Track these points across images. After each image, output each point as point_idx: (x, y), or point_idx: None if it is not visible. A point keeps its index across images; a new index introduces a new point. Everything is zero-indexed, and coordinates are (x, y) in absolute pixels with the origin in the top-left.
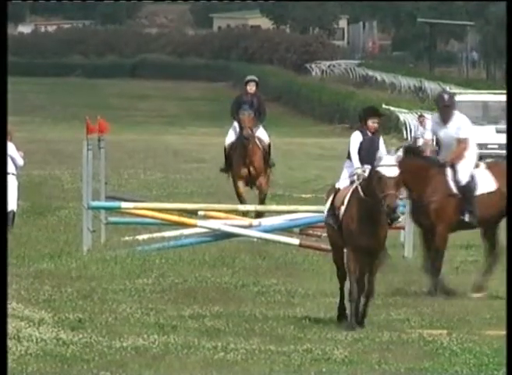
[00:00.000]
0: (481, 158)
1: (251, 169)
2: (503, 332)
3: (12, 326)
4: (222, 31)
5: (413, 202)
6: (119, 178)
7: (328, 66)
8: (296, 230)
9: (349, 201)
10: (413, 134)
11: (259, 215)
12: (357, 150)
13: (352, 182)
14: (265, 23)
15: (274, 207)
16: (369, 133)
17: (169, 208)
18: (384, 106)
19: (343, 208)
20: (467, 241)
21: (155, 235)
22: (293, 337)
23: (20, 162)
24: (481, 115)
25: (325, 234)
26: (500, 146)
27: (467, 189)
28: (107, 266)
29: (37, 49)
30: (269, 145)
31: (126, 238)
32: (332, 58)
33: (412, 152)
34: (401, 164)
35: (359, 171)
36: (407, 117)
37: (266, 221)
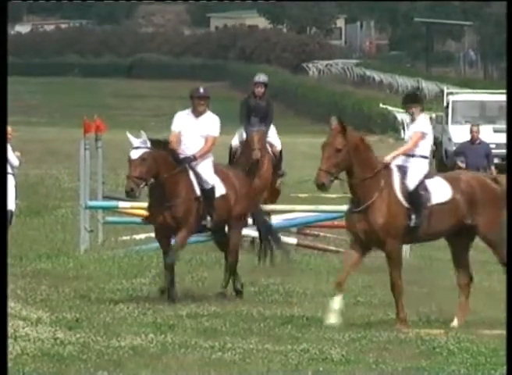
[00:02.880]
0: (493, 158)
1: (257, 181)
2: (500, 331)
3: (9, 325)
4: (219, 31)
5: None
6: (116, 178)
7: (326, 66)
8: (294, 229)
9: None
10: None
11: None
12: None
13: None
14: (262, 23)
15: (271, 207)
16: None
17: None
18: (381, 106)
19: None
20: None
21: (152, 235)
22: (290, 337)
23: (15, 162)
24: (479, 114)
25: (322, 234)
26: (498, 146)
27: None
28: (104, 266)
29: (34, 49)
30: (281, 152)
31: (124, 238)
32: (330, 57)
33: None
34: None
35: None
36: (405, 117)
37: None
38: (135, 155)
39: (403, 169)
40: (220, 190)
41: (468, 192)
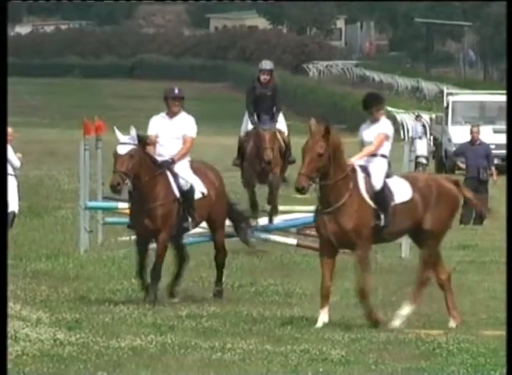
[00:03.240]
0: (493, 158)
1: (271, 176)
2: (500, 332)
3: (9, 326)
4: (219, 31)
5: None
6: None
7: (326, 67)
8: (294, 230)
9: None
10: (410, 134)
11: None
12: None
13: None
14: (262, 24)
15: (268, 207)
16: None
17: None
18: None
19: None
20: (464, 241)
21: None
22: (290, 338)
23: (17, 163)
24: (478, 115)
25: None
26: (498, 146)
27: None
28: (104, 266)
29: (35, 50)
30: (289, 140)
31: (123, 238)
32: (330, 58)
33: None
34: None
35: None
36: (404, 117)
37: (263, 221)
38: (122, 150)
39: (365, 170)
40: (201, 189)
41: (425, 192)
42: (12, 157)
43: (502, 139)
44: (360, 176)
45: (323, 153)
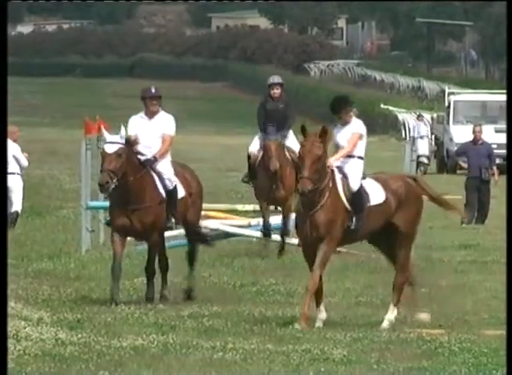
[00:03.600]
0: (495, 158)
1: (281, 191)
2: (502, 332)
3: (10, 325)
4: (220, 31)
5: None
6: None
7: (327, 66)
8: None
9: None
10: (411, 134)
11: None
12: None
13: None
14: (264, 23)
15: (272, 207)
16: None
17: None
18: (382, 106)
19: None
20: (466, 240)
21: None
22: (291, 337)
23: (25, 162)
24: (480, 114)
25: None
26: (499, 146)
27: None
28: (105, 266)
29: (36, 49)
30: None
31: None
32: (331, 58)
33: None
34: None
35: None
36: (406, 117)
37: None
38: (110, 149)
39: (342, 171)
40: (180, 192)
41: (398, 192)
42: (21, 156)
43: (503, 138)
44: (338, 177)
45: (322, 154)
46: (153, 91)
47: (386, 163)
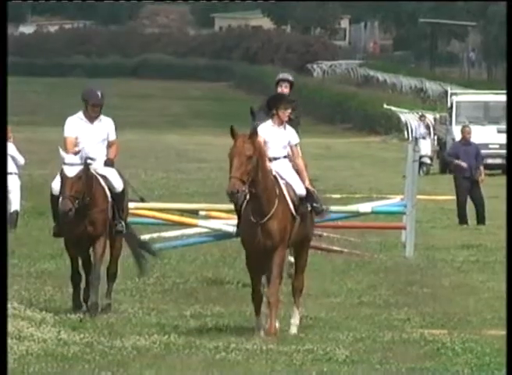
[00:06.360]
0: (483, 158)
1: None
2: (504, 332)
3: (13, 325)
4: (224, 31)
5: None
6: None
7: (330, 67)
8: None
9: None
10: (414, 134)
11: None
12: None
13: None
14: (267, 24)
15: None
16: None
17: (170, 208)
18: (385, 106)
19: None
20: (468, 240)
21: (156, 235)
22: (294, 337)
23: (21, 160)
24: (483, 115)
25: (325, 234)
26: (501, 146)
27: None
28: None
29: (39, 49)
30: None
31: None
32: (334, 58)
33: None
34: None
35: None
36: (408, 117)
37: None
38: (71, 172)
39: (281, 176)
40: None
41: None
42: (16, 155)
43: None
44: (281, 182)
45: (251, 155)
46: (99, 96)
47: (389, 164)
